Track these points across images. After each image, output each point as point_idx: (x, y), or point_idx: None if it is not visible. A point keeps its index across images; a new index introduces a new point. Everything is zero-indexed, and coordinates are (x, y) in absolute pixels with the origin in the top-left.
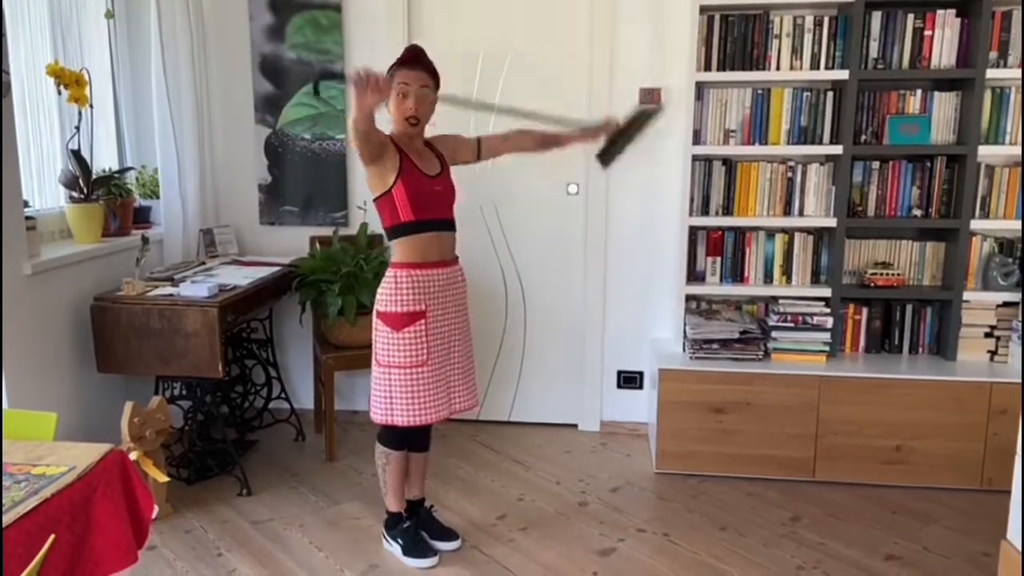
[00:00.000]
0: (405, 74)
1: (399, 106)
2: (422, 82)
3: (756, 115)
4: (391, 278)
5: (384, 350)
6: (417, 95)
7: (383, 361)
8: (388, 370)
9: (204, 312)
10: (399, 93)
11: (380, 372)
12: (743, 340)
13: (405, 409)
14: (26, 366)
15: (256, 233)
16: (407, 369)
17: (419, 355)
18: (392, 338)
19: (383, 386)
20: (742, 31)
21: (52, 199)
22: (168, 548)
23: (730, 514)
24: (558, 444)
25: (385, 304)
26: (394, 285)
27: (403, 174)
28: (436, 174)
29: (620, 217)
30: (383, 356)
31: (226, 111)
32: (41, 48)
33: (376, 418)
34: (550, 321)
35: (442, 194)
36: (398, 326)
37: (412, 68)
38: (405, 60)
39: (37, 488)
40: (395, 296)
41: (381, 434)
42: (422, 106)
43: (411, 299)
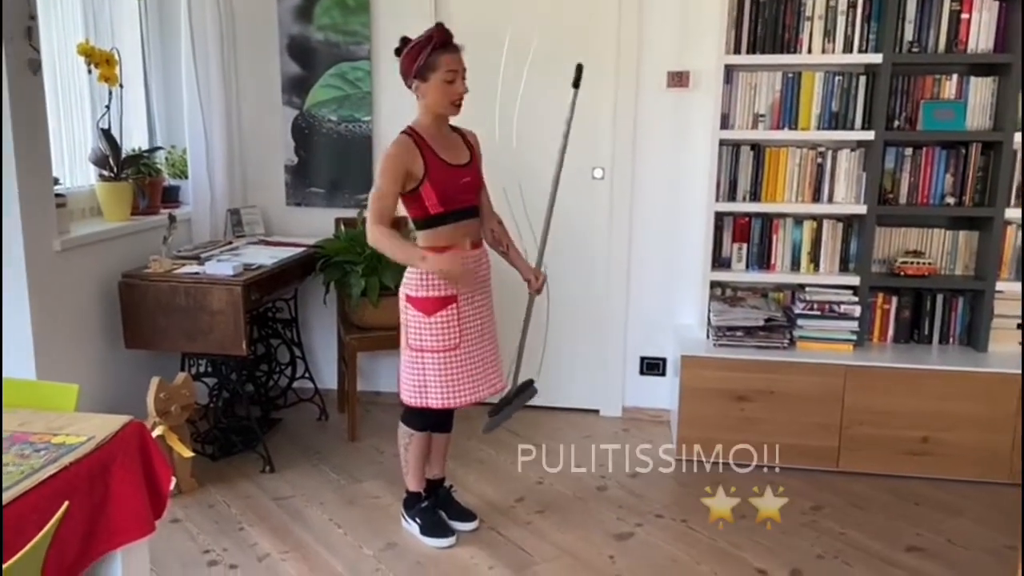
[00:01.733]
0: (451, 59)
1: (447, 91)
2: (464, 65)
3: (786, 99)
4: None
5: (416, 335)
6: (462, 76)
7: (415, 345)
8: (421, 354)
9: (229, 290)
10: (446, 79)
11: (412, 356)
12: (768, 328)
13: (438, 392)
14: (55, 341)
15: (282, 214)
16: (440, 353)
17: (452, 338)
18: (424, 323)
19: (416, 370)
20: (773, 13)
21: (83, 177)
22: (192, 522)
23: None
24: (579, 429)
25: (415, 289)
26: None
27: (429, 173)
28: (464, 163)
29: (645, 202)
30: (415, 340)
31: (254, 92)
32: (72, 28)
33: (409, 401)
34: (573, 306)
35: (470, 184)
36: (430, 311)
37: (454, 52)
38: (447, 43)
39: (56, 456)
40: (426, 281)
41: (405, 414)
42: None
43: (443, 283)
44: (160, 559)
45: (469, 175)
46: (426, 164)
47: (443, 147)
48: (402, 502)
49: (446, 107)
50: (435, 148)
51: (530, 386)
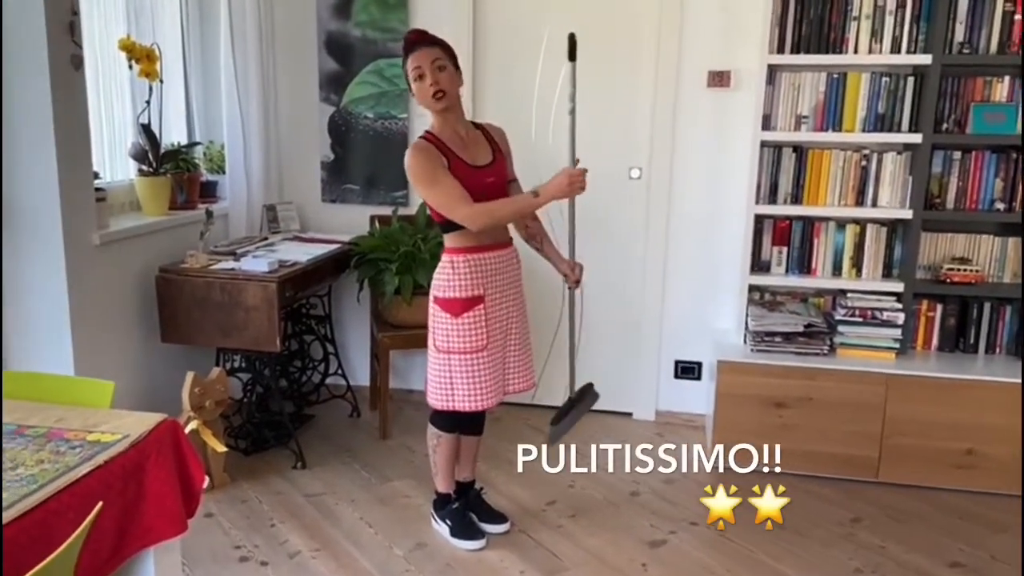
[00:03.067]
0: (414, 58)
1: (421, 90)
2: (433, 57)
3: (830, 100)
4: (447, 264)
5: (443, 336)
6: (432, 70)
7: (442, 347)
8: (448, 356)
9: (264, 287)
10: (415, 77)
11: (439, 358)
12: (808, 334)
13: (465, 394)
14: (93, 334)
15: (318, 210)
16: (467, 355)
17: (479, 340)
18: (451, 324)
19: (443, 372)
20: (819, 12)
21: (123, 172)
22: (224, 517)
23: (788, 512)
24: (612, 432)
25: (443, 290)
26: (451, 270)
27: (453, 175)
28: (487, 164)
29: (683, 203)
30: (442, 342)
31: (291, 89)
32: (114, 24)
33: (436, 404)
34: (607, 307)
35: (494, 184)
36: (457, 312)
37: (418, 49)
38: (409, 44)
39: (91, 455)
40: (453, 281)
41: (434, 416)
42: (442, 78)
43: (469, 284)
44: (192, 553)
45: (493, 175)
46: (449, 164)
47: (462, 147)
48: (432, 503)
49: (429, 103)
50: (454, 149)
51: (590, 391)
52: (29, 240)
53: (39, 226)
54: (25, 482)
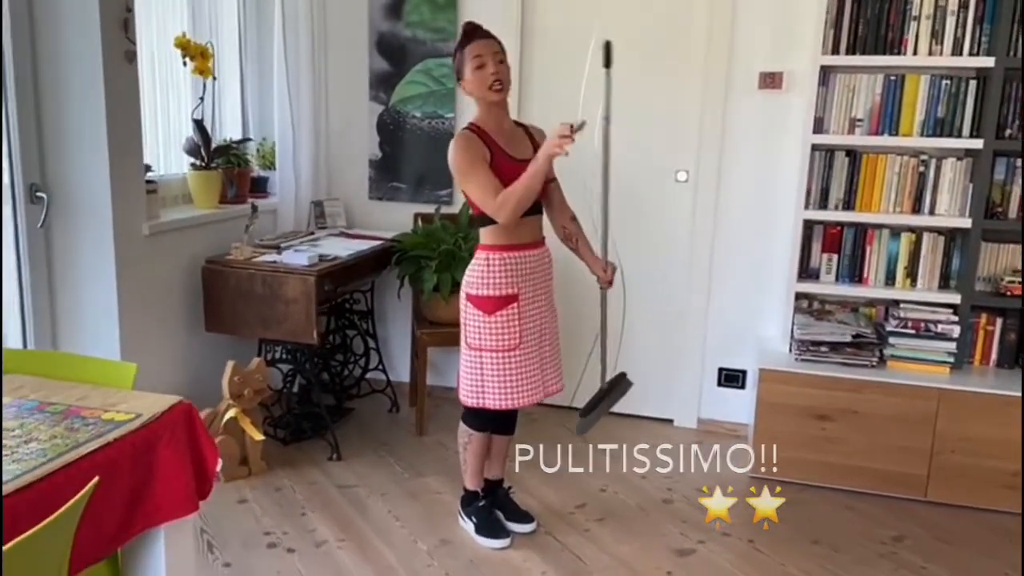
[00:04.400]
0: (475, 46)
1: (480, 76)
2: (494, 49)
3: (887, 103)
4: (482, 261)
5: (475, 333)
6: (494, 61)
7: (474, 344)
8: (480, 353)
9: (303, 280)
10: (475, 65)
11: (471, 355)
12: (856, 344)
13: (497, 393)
14: (140, 320)
15: (365, 207)
16: (500, 353)
17: (512, 338)
18: (484, 322)
19: (474, 369)
20: (876, 12)
21: (177, 166)
22: (257, 504)
23: (825, 527)
24: (650, 438)
25: (476, 287)
26: (486, 268)
27: (495, 166)
28: (527, 159)
29: (730, 207)
30: (474, 339)
31: (342, 88)
32: (173, 22)
33: (466, 401)
34: (649, 311)
35: None
36: (491, 310)
37: (479, 39)
38: (469, 34)
39: (101, 432)
40: (487, 279)
41: (466, 414)
42: (502, 71)
43: (503, 282)
44: (223, 537)
45: None
46: (492, 156)
47: (505, 140)
48: (460, 500)
49: (485, 92)
50: (498, 141)
51: (623, 379)
52: (81, 229)
53: (91, 215)
54: (35, 455)
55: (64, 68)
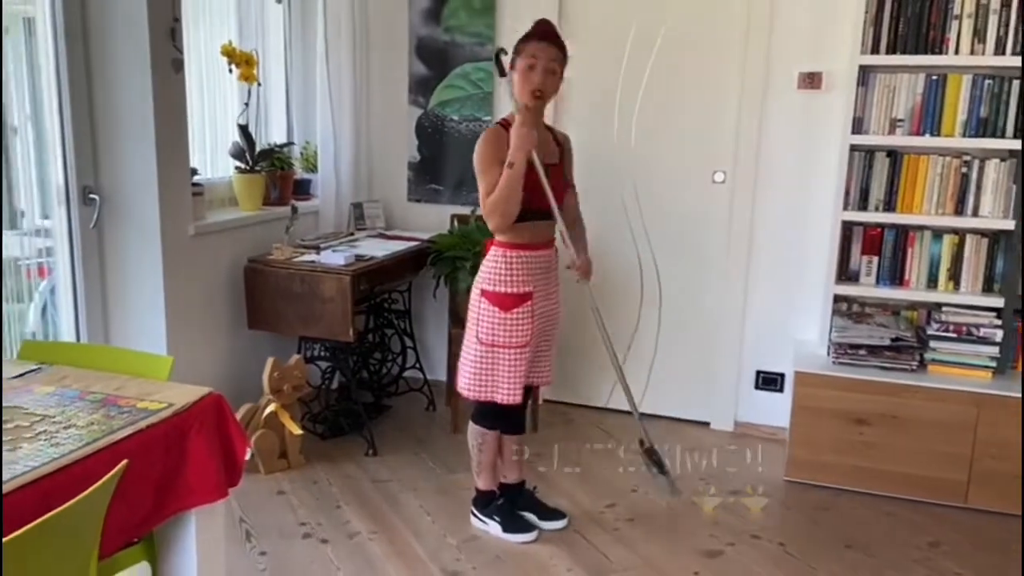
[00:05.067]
0: (535, 47)
1: (525, 79)
2: (551, 57)
3: (928, 103)
4: (499, 257)
5: (488, 329)
6: (544, 69)
7: (486, 340)
8: (492, 349)
9: (339, 279)
10: (526, 65)
11: (482, 351)
12: (895, 348)
13: (507, 387)
14: (185, 317)
15: (403, 208)
16: (513, 349)
17: (524, 335)
18: (499, 318)
19: (484, 365)
20: (917, 10)
21: (224, 169)
22: (295, 496)
23: (860, 532)
24: (685, 440)
25: (493, 283)
26: (504, 265)
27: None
28: (551, 163)
29: (767, 208)
30: (486, 335)
31: (382, 92)
32: (221, 30)
33: (469, 395)
34: (686, 313)
35: (554, 186)
36: (507, 306)
37: (542, 41)
38: (536, 34)
39: (135, 419)
40: (504, 276)
41: (477, 415)
42: (548, 81)
43: (520, 279)
44: (261, 527)
45: (553, 177)
46: None
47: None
48: (472, 501)
49: (525, 96)
50: None
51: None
52: (131, 229)
53: (140, 216)
54: (72, 440)
55: (115, 76)
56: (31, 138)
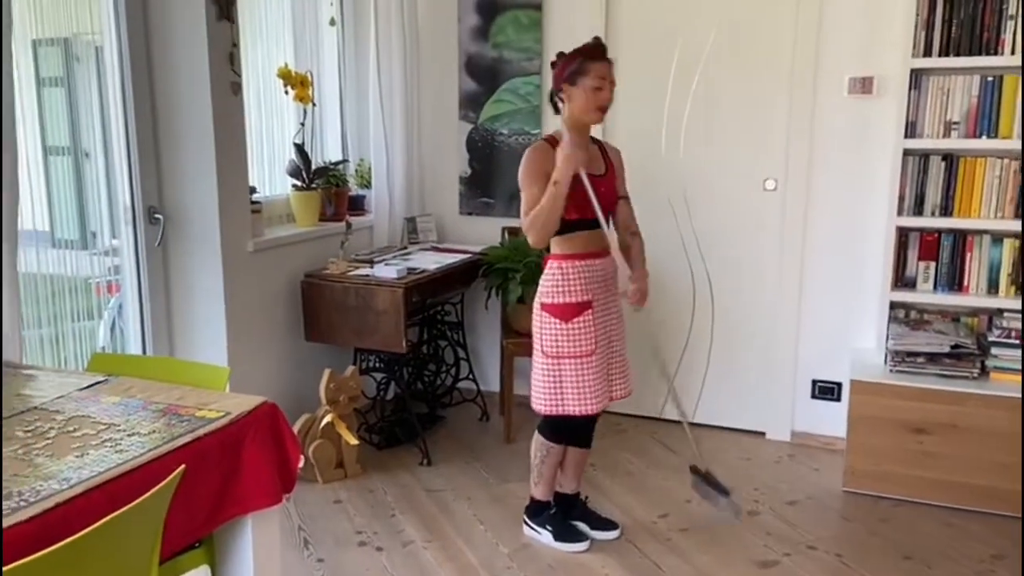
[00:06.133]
0: (600, 67)
1: (594, 97)
2: (613, 76)
3: (984, 105)
4: (556, 270)
5: (552, 342)
6: (610, 86)
7: (551, 352)
8: (557, 361)
9: (392, 292)
10: (594, 86)
11: (548, 363)
12: (955, 355)
13: (575, 399)
14: (245, 330)
15: (455, 222)
16: (578, 359)
17: (588, 344)
18: (561, 329)
19: (551, 377)
20: (970, 12)
21: (281, 187)
22: (351, 504)
23: (920, 543)
24: (740, 450)
25: (552, 295)
26: (560, 276)
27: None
28: (600, 174)
29: (821, 215)
30: (551, 348)
31: (433, 108)
32: (278, 53)
33: (543, 410)
34: (739, 322)
35: (604, 195)
36: (567, 316)
37: (604, 61)
38: (597, 52)
39: (194, 428)
40: (562, 287)
41: (544, 427)
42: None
43: (579, 289)
44: (319, 534)
45: (604, 185)
46: None
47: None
48: (525, 510)
49: (591, 112)
50: None
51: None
52: (193, 246)
53: (201, 234)
54: (135, 447)
55: (178, 101)
56: (101, 162)
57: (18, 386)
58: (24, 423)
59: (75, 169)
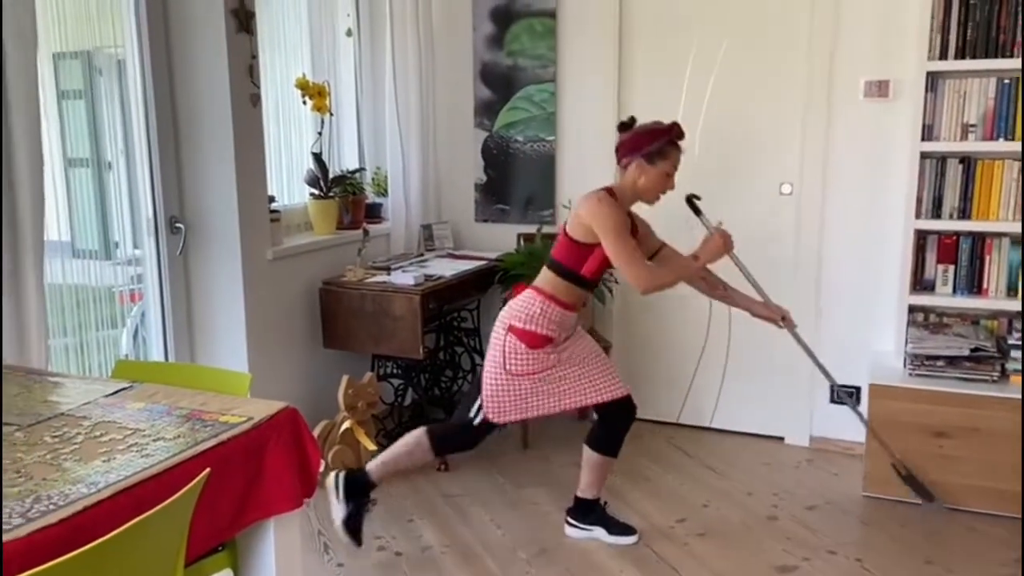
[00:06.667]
0: (679, 155)
1: (664, 183)
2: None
3: (1001, 107)
4: (540, 305)
5: (517, 362)
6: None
7: (516, 371)
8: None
9: (409, 298)
10: (666, 172)
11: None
12: (975, 358)
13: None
14: (265, 337)
15: (471, 229)
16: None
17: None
18: (526, 353)
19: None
20: (985, 14)
21: (299, 196)
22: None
23: (941, 547)
24: (759, 455)
25: (527, 323)
26: (541, 312)
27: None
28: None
29: (837, 219)
30: (516, 367)
31: (449, 116)
32: (295, 64)
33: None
34: (756, 326)
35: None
36: (537, 345)
37: (680, 151)
38: (680, 140)
39: (217, 432)
40: (541, 321)
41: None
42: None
43: (554, 328)
44: (338, 540)
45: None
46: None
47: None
48: (568, 512)
49: (654, 197)
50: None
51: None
52: (214, 255)
53: (222, 243)
54: (161, 451)
55: (198, 113)
56: (123, 173)
57: (45, 393)
58: (52, 429)
59: (96, 180)
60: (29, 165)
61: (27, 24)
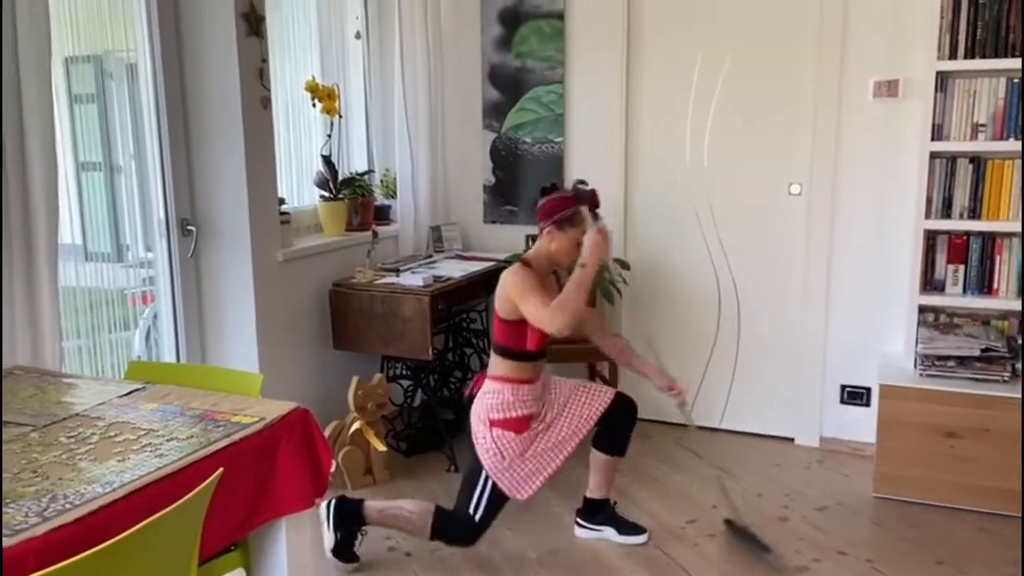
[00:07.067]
0: (586, 228)
1: (574, 251)
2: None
3: (1011, 107)
4: (509, 390)
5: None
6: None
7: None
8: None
9: (418, 299)
10: (577, 241)
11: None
12: (986, 358)
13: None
14: (275, 338)
15: (479, 230)
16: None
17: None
18: (514, 438)
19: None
20: (994, 14)
21: (309, 198)
22: None
23: (952, 549)
24: (769, 456)
25: (503, 411)
26: (512, 397)
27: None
28: None
29: (847, 219)
30: (510, 451)
31: (457, 118)
32: (305, 67)
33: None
34: (766, 327)
35: None
36: (521, 428)
37: (594, 217)
38: (596, 210)
39: (230, 432)
40: (516, 404)
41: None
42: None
43: (531, 403)
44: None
45: None
46: None
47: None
48: (578, 513)
49: (569, 261)
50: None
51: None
52: (224, 257)
53: (232, 245)
54: (174, 451)
55: (209, 116)
56: (135, 176)
57: (60, 394)
58: (67, 429)
59: (108, 184)
60: (43, 169)
61: (42, 31)
